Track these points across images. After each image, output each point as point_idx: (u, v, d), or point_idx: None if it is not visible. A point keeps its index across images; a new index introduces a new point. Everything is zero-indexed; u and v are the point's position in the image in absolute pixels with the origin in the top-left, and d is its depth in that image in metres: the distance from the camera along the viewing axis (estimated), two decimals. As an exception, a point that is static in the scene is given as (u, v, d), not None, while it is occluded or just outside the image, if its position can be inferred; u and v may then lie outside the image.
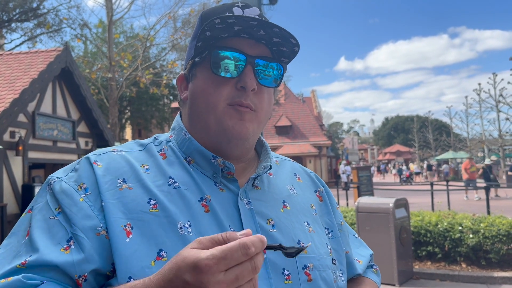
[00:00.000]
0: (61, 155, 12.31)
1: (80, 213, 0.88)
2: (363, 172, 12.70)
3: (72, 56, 12.79)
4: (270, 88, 1.04)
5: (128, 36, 28.48)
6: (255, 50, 1.01)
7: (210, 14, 1.04)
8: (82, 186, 0.92)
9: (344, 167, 29.55)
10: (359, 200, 7.01)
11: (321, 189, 1.23)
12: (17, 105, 10.05)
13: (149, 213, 0.90)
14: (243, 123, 0.98)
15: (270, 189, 1.08)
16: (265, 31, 0.98)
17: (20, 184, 10.58)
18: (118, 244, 0.85)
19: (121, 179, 0.94)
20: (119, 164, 0.97)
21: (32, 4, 21.41)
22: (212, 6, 20.53)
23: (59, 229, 0.87)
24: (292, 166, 1.25)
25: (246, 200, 1.00)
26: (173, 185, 0.96)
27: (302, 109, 39.18)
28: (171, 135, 1.09)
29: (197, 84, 1.03)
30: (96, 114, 13.63)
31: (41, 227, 0.88)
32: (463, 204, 13.01)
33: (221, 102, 0.98)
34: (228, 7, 1.03)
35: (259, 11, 1.04)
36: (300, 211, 1.09)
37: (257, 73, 1.00)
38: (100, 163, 0.96)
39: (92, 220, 0.87)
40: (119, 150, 1.03)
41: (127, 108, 31.37)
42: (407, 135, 75.67)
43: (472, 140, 47.58)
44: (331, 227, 1.16)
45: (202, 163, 1.01)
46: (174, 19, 18.74)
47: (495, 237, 6.78)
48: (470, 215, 7.75)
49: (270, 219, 1.01)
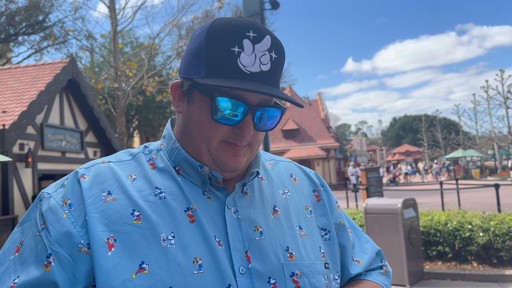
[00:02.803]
0: (70, 166, 12.41)
1: (62, 229, 0.89)
2: (372, 174, 12.65)
3: (78, 67, 12.92)
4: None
5: (133, 46, 28.70)
6: (257, 98, 0.97)
7: (218, 40, 0.95)
8: (66, 202, 0.93)
9: (353, 169, 29.44)
10: (367, 202, 6.98)
11: (319, 188, 1.20)
12: (26, 118, 10.17)
13: (132, 225, 0.90)
14: (237, 158, 0.97)
15: (260, 194, 1.07)
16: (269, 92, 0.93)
17: (30, 196, 10.68)
18: (100, 258, 0.86)
19: (106, 191, 0.95)
20: (105, 177, 0.98)
21: (38, 17, 21.68)
22: (214, 13, 20.45)
23: (42, 245, 0.89)
24: (288, 167, 1.23)
25: (234, 208, 1.00)
26: (159, 195, 0.96)
27: (309, 112, 39.14)
28: (162, 143, 1.09)
29: (194, 111, 0.99)
30: (104, 123, 13.74)
31: (30, 245, 0.90)
32: (473, 202, 12.90)
33: (216, 139, 0.96)
34: (239, 34, 0.94)
35: (270, 41, 0.96)
36: (292, 215, 1.08)
37: (256, 120, 0.97)
38: (87, 177, 0.97)
39: (74, 238, 0.88)
40: (107, 162, 1.03)
41: (134, 117, 31.54)
42: (416, 135, 75.26)
43: (481, 137, 47.21)
44: (328, 227, 1.14)
45: (190, 172, 1.01)
46: (178, 27, 18.86)
47: (505, 234, 6.72)
48: (479, 214, 7.69)
49: (258, 226, 1.00)
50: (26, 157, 10.26)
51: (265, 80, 0.95)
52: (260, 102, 0.97)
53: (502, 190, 9.00)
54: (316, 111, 41.68)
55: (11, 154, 9.76)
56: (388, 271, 1.24)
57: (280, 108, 1.01)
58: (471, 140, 49.42)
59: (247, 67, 0.93)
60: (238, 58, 0.93)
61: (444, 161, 47.41)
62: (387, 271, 1.23)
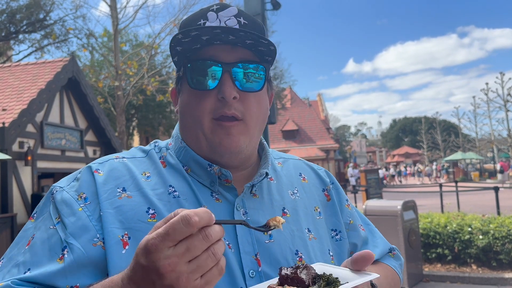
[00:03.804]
0: (69, 164, 12.40)
1: (77, 223, 0.89)
2: (371, 175, 12.65)
3: (78, 65, 12.92)
4: (256, 92, 0.99)
5: (134, 45, 28.69)
6: (233, 55, 0.96)
7: (186, 22, 1.01)
8: (82, 196, 0.92)
9: (352, 170, 29.44)
10: (367, 203, 6.98)
11: (329, 187, 1.18)
12: (26, 116, 10.16)
13: (147, 223, 0.90)
14: (230, 137, 0.96)
15: (269, 196, 1.05)
16: (234, 36, 0.93)
17: (30, 194, 10.67)
18: (114, 255, 0.86)
19: (121, 188, 0.94)
20: (120, 173, 0.97)
21: (39, 16, 21.66)
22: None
23: (57, 238, 0.88)
24: (297, 165, 1.21)
25: (243, 210, 0.99)
26: (173, 194, 0.96)
27: (309, 113, 39.16)
28: (170, 142, 1.08)
29: (183, 99, 1.01)
30: (104, 122, 13.73)
31: (42, 238, 0.89)
32: (472, 205, 12.90)
33: (205, 116, 0.96)
34: (204, 12, 0.99)
35: (237, 10, 0.98)
36: (301, 216, 1.07)
37: (237, 80, 0.95)
38: (101, 172, 0.97)
39: (90, 231, 0.88)
40: (121, 157, 1.03)
41: (134, 116, 31.50)
42: (415, 137, 75.25)
43: (481, 140, 47.24)
44: (338, 227, 1.13)
45: (199, 172, 1.00)
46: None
47: (505, 237, 6.71)
48: (479, 216, 7.69)
49: None
50: (25, 155, 10.25)
51: (231, 34, 0.93)
52: (237, 59, 0.96)
53: (501, 193, 9.00)
54: (316, 112, 41.70)
55: (10, 152, 9.74)
56: (396, 254, 1.25)
57: (260, 63, 0.98)
58: (470, 143, 49.41)
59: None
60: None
61: (444, 163, 47.42)
62: (395, 254, 1.25)
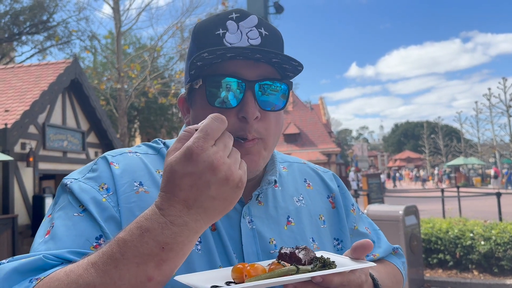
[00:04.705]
0: (71, 166, 12.41)
1: (105, 213, 0.86)
2: (373, 180, 12.62)
3: (81, 67, 12.94)
4: (278, 111, 0.95)
5: (136, 47, 28.76)
6: (255, 72, 0.91)
7: (202, 30, 0.95)
8: (103, 187, 0.90)
9: (354, 174, 29.40)
10: (369, 208, 6.96)
11: (333, 194, 1.16)
12: (28, 117, 10.18)
13: None
14: (250, 157, 0.91)
15: (274, 204, 1.04)
16: (262, 54, 0.88)
17: (31, 195, 10.67)
18: None
19: (138, 182, 0.92)
20: (136, 167, 0.95)
21: (42, 17, 21.74)
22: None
23: (86, 225, 0.84)
24: (302, 170, 1.18)
25: (248, 218, 0.97)
26: None
27: (311, 117, 39.16)
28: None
29: (197, 114, 0.96)
30: (105, 124, 13.74)
31: (66, 225, 0.85)
32: (474, 210, 12.86)
33: None
34: (221, 20, 0.93)
35: (257, 19, 0.94)
36: (306, 225, 1.05)
37: (260, 98, 0.91)
38: (117, 164, 0.94)
39: (117, 222, 0.86)
40: (134, 152, 1.00)
41: (136, 118, 31.56)
42: (417, 141, 75.18)
43: (483, 145, 47.19)
44: (341, 237, 1.12)
45: None
46: (181, 29, 18.89)
47: (507, 243, 6.69)
48: (481, 222, 7.66)
49: (272, 239, 0.98)
50: (27, 157, 10.25)
51: (259, 53, 0.89)
52: (259, 75, 0.92)
53: (503, 199, 8.97)
54: (317, 116, 41.69)
55: (12, 153, 9.75)
56: (398, 251, 1.24)
57: (283, 81, 0.94)
58: (472, 148, 49.35)
59: (233, 43, 0.91)
60: (224, 38, 0.91)
61: (445, 168, 47.34)
62: (398, 252, 1.24)
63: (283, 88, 0.94)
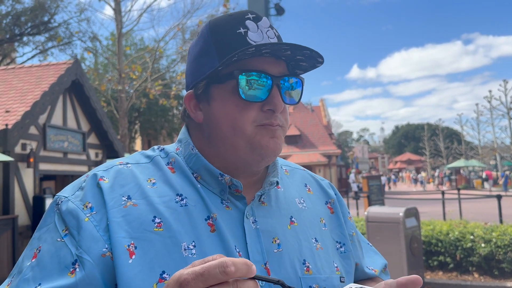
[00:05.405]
0: (71, 167, 12.42)
1: (85, 234, 0.86)
2: (373, 181, 12.61)
3: (82, 68, 12.96)
4: (294, 104, 1.03)
5: (138, 49, 28.79)
6: (278, 69, 0.98)
7: (221, 28, 0.98)
8: (87, 205, 0.90)
9: (354, 176, 29.41)
10: (369, 210, 6.95)
11: (332, 200, 1.19)
12: (29, 118, 10.19)
13: (153, 232, 0.88)
14: (275, 140, 0.96)
15: (277, 204, 1.05)
16: (292, 52, 0.96)
17: (31, 196, 10.67)
18: (121, 265, 0.84)
19: (126, 196, 0.92)
20: (125, 180, 0.95)
21: (43, 18, 21.78)
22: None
23: (66, 251, 0.85)
24: (303, 175, 1.21)
25: (252, 218, 0.98)
26: (180, 202, 0.94)
27: (311, 118, 39.18)
28: (178, 147, 1.05)
29: (218, 108, 0.98)
30: (106, 125, 13.75)
31: (50, 251, 0.86)
32: (474, 213, 12.85)
33: (249, 125, 0.95)
34: (239, 19, 0.98)
35: (268, 21, 1.01)
36: (308, 226, 1.06)
37: (283, 93, 0.98)
38: (106, 179, 0.94)
39: (98, 242, 0.86)
40: (125, 163, 1.00)
41: (137, 119, 31.59)
42: (418, 143, 75.14)
43: (484, 148, 47.17)
44: (343, 240, 1.13)
45: (209, 180, 0.99)
46: (182, 31, 18.92)
47: (507, 246, 6.68)
48: (481, 224, 7.65)
49: (276, 238, 0.98)
50: (28, 157, 10.26)
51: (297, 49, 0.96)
52: (281, 72, 0.99)
53: (504, 201, 8.95)
54: (318, 118, 41.70)
55: (13, 154, 9.76)
56: (386, 270, 1.27)
57: (298, 77, 1.02)
58: (473, 150, 49.36)
59: (257, 42, 0.95)
60: (247, 37, 0.95)
61: (446, 170, 47.33)
62: (386, 270, 1.27)
63: (299, 83, 1.03)
